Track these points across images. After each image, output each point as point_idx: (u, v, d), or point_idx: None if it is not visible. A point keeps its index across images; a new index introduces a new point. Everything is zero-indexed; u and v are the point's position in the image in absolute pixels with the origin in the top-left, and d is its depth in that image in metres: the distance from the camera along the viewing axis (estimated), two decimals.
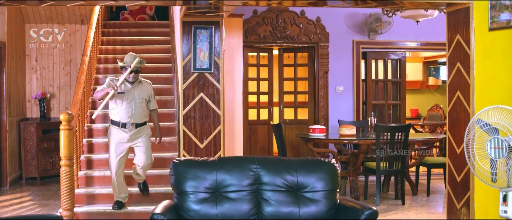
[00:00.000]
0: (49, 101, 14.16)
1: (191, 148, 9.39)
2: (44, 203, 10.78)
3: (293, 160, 6.56)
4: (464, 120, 7.57)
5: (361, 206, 6.00)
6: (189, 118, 9.34)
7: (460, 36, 7.68)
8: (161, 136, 9.40)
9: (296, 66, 14.45)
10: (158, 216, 5.60)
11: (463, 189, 7.72)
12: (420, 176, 12.15)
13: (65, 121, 8.60)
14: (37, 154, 13.28)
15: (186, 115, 9.31)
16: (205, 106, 9.31)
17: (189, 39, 9.36)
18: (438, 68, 19.88)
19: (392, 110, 14.80)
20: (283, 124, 13.85)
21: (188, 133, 9.33)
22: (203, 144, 9.42)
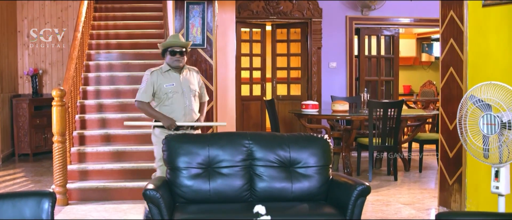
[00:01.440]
0: (41, 78, 14.11)
1: None
2: (37, 179, 10.77)
3: (286, 136, 6.57)
4: (457, 96, 7.58)
5: (353, 181, 6.01)
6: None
7: (454, 12, 7.68)
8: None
9: (289, 42, 14.43)
10: (150, 192, 5.60)
11: (456, 165, 7.75)
12: (412, 152, 12.17)
13: (58, 97, 8.58)
14: (29, 130, 13.25)
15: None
16: None
17: (181, 15, 9.34)
18: (431, 45, 19.87)
19: (385, 86, 14.79)
20: (276, 100, 13.83)
21: None
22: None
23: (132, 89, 11.01)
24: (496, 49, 7.09)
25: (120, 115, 10.42)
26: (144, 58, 11.88)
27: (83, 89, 10.98)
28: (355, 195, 5.78)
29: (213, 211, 5.90)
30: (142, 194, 5.64)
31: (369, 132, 10.53)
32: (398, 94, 15.00)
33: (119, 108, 10.64)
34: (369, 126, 10.48)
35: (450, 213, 5.81)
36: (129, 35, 12.78)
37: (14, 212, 5.11)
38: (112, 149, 9.77)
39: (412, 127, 12.45)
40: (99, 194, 9.10)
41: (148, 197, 5.60)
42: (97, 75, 11.45)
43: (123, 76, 11.40)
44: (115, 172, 9.42)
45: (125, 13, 13.69)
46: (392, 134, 10.55)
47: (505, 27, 6.95)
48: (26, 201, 5.16)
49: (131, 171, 9.43)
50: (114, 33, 12.88)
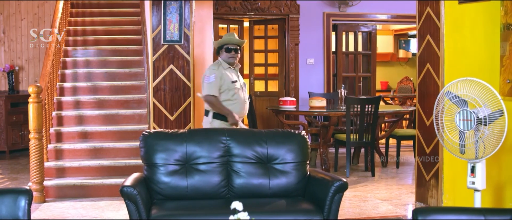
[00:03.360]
0: (18, 74, 14.03)
1: (161, 120, 9.36)
2: (13, 177, 10.72)
3: (264, 132, 6.58)
4: (434, 92, 7.62)
5: (331, 177, 6.02)
6: (159, 90, 9.30)
7: (430, 9, 7.72)
8: None
9: (267, 38, 14.44)
10: (128, 189, 5.59)
11: (432, 161, 7.79)
12: (390, 148, 12.23)
13: (34, 94, 8.54)
14: (5, 127, 13.17)
15: (156, 87, 9.26)
16: (175, 78, 9.27)
17: (159, 11, 9.30)
18: (408, 41, 19.97)
19: (362, 82, 14.84)
20: (254, 96, 13.83)
21: (158, 105, 9.30)
22: (173, 116, 9.39)
23: (109, 86, 10.99)
24: (472, 46, 7.13)
25: (98, 111, 10.40)
26: (122, 54, 11.84)
27: (60, 86, 10.94)
28: (332, 191, 5.79)
29: (191, 207, 5.90)
30: (119, 191, 5.62)
31: (346, 128, 10.55)
32: (375, 90, 15.05)
33: (97, 105, 10.61)
34: (346, 122, 10.51)
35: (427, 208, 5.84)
36: (106, 31, 12.74)
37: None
38: (89, 146, 9.74)
39: (390, 123, 12.51)
40: (77, 191, 9.07)
41: (126, 194, 5.58)
42: (74, 72, 11.41)
43: (101, 72, 11.37)
44: (93, 169, 9.40)
45: (102, 9, 13.62)
46: (370, 130, 10.59)
47: (481, 24, 6.99)
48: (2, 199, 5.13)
49: (109, 168, 9.40)
50: (91, 29, 12.83)
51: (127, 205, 5.64)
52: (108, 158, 9.60)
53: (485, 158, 5.81)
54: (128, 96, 10.81)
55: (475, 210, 5.17)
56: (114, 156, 9.67)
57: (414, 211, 4.86)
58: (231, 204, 3.98)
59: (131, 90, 11.02)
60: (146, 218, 5.62)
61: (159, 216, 5.64)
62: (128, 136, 10.00)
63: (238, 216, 3.88)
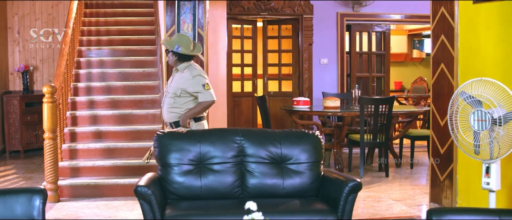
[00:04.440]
0: (32, 74, 14.08)
1: None
2: (28, 176, 10.76)
3: (277, 132, 6.57)
4: (448, 92, 7.59)
5: (345, 178, 6.01)
6: None
7: (445, 9, 7.69)
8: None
9: (280, 39, 14.43)
10: (142, 189, 5.59)
11: (447, 161, 7.76)
12: (404, 148, 12.20)
13: (48, 94, 8.57)
14: (20, 127, 13.22)
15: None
16: None
17: (172, 11, 9.32)
18: (422, 41, 19.90)
19: (376, 82, 14.81)
20: (267, 96, 13.84)
21: None
22: None
23: (123, 85, 11.01)
24: (487, 46, 7.10)
25: (111, 111, 10.42)
26: (135, 54, 11.86)
27: (74, 86, 10.97)
28: (346, 191, 5.78)
29: (205, 207, 5.90)
30: (133, 191, 5.63)
31: (360, 128, 10.53)
32: (389, 90, 15.02)
33: (111, 105, 10.63)
34: (360, 122, 10.49)
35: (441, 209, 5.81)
36: (120, 31, 12.76)
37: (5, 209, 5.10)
38: (103, 146, 9.76)
39: (403, 123, 12.47)
40: (91, 191, 9.09)
41: (140, 193, 5.59)
42: (88, 72, 11.44)
43: (114, 72, 11.39)
44: (107, 169, 9.42)
45: (116, 9, 13.65)
46: (383, 130, 10.57)
47: (496, 24, 6.96)
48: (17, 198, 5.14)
49: (123, 168, 9.42)
50: (105, 29, 12.86)
51: (141, 205, 5.65)
52: (122, 157, 9.62)
53: (500, 158, 5.78)
54: (142, 96, 10.82)
55: (489, 211, 5.15)
56: (128, 155, 9.68)
57: (429, 211, 4.84)
58: (245, 204, 3.98)
59: (145, 90, 11.03)
60: (160, 218, 5.63)
61: (173, 216, 5.64)
62: (142, 136, 10.01)
63: (252, 216, 3.87)
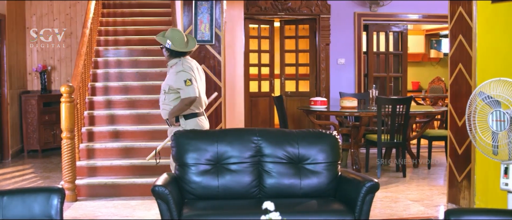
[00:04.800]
0: (50, 74, 14.14)
1: None
2: (45, 175, 10.80)
3: (295, 132, 6.56)
4: (466, 92, 7.57)
5: (362, 178, 6.00)
6: None
7: (463, 8, 7.66)
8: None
9: (298, 38, 14.42)
10: (159, 188, 5.61)
11: (464, 162, 7.74)
12: (421, 149, 12.16)
13: (66, 93, 8.60)
14: (38, 126, 13.29)
15: None
16: (206, 78, 9.29)
17: (190, 11, 9.33)
18: (440, 41, 19.83)
19: (393, 82, 14.78)
20: (285, 96, 13.84)
21: None
22: None
23: (140, 85, 11.03)
24: (505, 46, 7.07)
25: (129, 111, 10.44)
26: (153, 54, 11.87)
27: (91, 85, 11.00)
28: (363, 192, 5.77)
29: (222, 207, 5.90)
30: (150, 190, 5.64)
31: (377, 128, 10.51)
32: (406, 90, 14.98)
33: (128, 105, 10.65)
34: (377, 122, 10.47)
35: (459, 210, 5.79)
36: (137, 31, 12.79)
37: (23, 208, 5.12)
38: (120, 145, 9.78)
39: (421, 124, 12.43)
40: (108, 190, 9.12)
41: (157, 193, 5.60)
42: (105, 72, 11.47)
43: (132, 72, 11.42)
44: (124, 168, 9.44)
45: (133, 9, 13.69)
46: (401, 131, 10.54)
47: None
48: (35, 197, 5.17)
49: (140, 167, 9.43)
50: (122, 29, 12.89)
51: (159, 205, 5.66)
52: (139, 157, 9.63)
53: None
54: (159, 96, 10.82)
55: (508, 211, 5.12)
56: (145, 155, 9.65)
57: (446, 212, 4.82)
58: (262, 204, 3.98)
59: None
60: (178, 218, 5.63)
61: (191, 215, 5.65)
62: (159, 135, 10.01)
63: (270, 216, 3.87)
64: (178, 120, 7.26)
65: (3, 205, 5.12)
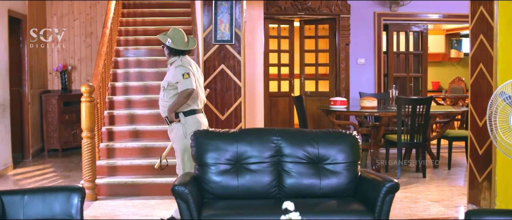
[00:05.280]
0: (70, 74, 14.21)
1: (212, 119, 9.39)
2: (66, 174, 10.85)
3: (314, 132, 6.56)
4: (487, 92, 7.53)
5: (382, 178, 5.98)
6: (210, 89, 9.33)
7: (483, 8, 7.62)
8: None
9: (317, 38, 14.40)
10: (179, 188, 5.62)
11: (485, 162, 7.70)
12: (441, 149, 12.10)
13: (86, 93, 8.64)
14: (58, 126, 13.36)
15: (207, 86, 9.29)
16: (226, 78, 9.31)
17: (210, 11, 9.35)
18: (460, 41, 19.73)
19: (413, 82, 14.72)
20: (304, 96, 13.82)
21: (209, 105, 9.33)
22: (224, 115, 9.43)
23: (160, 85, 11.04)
24: None
25: (149, 111, 10.46)
26: None
27: (111, 85, 11.04)
28: (383, 192, 5.76)
29: (242, 207, 5.91)
30: (170, 190, 5.66)
31: (397, 129, 10.47)
32: (426, 90, 14.92)
33: (148, 104, 10.68)
34: (397, 123, 10.43)
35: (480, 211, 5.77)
36: (157, 31, 12.75)
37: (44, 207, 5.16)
38: (140, 145, 9.81)
39: (441, 124, 12.37)
40: (128, 190, 9.15)
41: (177, 192, 5.61)
42: (125, 71, 11.51)
43: (152, 72, 11.44)
44: (144, 168, 9.46)
45: (153, 9, 13.72)
46: (421, 131, 10.50)
47: None
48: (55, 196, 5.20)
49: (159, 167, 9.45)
50: (142, 29, 12.93)
51: (178, 204, 5.68)
52: (159, 157, 9.64)
53: None
54: None
55: None
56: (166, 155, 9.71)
57: (467, 213, 4.81)
58: (281, 204, 3.98)
59: None
60: (197, 217, 5.64)
61: (210, 215, 5.66)
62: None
63: (290, 216, 3.87)
64: (178, 116, 7.35)
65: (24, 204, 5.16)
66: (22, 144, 12.50)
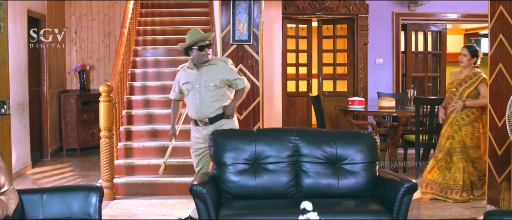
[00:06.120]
0: (89, 73, 14.26)
1: None
2: (84, 174, 10.89)
3: (332, 132, 6.54)
4: (506, 92, 7.48)
5: (400, 178, 5.97)
6: None
7: (503, 7, 7.58)
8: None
9: (335, 38, 14.38)
10: (197, 187, 5.62)
11: (504, 163, 7.65)
12: None
13: (105, 93, 8.66)
14: (77, 125, 13.40)
15: None
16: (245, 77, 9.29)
17: (228, 11, 9.34)
18: (479, 40, 19.62)
19: (431, 83, 14.67)
20: (322, 96, 13.80)
21: None
22: (242, 115, 9.42)
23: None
24: None
25: (167, 110, 10.48)
26: None
27: (130, 85, 11.07)
28: (402, 192, 5.74)
29: (259, 207, 5.90)
30: (188, 189, 5.66)
31: (415, 129, 10.44)
32: (445, 91, 14.85)
33: (166, 104, 10.69)
34: (415, 123, 10.40)
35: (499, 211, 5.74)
36: (175, 31, 12.84)
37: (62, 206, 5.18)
38: (158, 144, 9.82)
39: None
40: (146, 189, 9.17)
41: (195, 192, 5.62)
42: (143, 71, 11.54)
43: (170, 72, 11.46)
44: None
45: (171, 9, 13.74)
46: (439, 131, 10.45)
47: None
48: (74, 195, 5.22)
49: (178, 167, 9.47)
50: (160, 29, 12.96)
51: (196, 204, 5.68)
52: (177, 156, 9.65)
53: None
54: None
55: None
56: (183, 154, 9.71)
57: (486, 213, 4.78)
58: (299, 204, 3.98)
59: None
60: (215, 217, 5.64)
61: (228, 215, 5.66)
62: None
63: (308, 216, 3.86)
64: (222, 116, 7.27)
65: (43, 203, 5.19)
66: (41, 143, 12.55)
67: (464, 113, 8.73)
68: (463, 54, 8.96)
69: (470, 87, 8.82)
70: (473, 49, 8.97)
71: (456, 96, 8.87)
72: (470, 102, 8.69)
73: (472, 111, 8.71)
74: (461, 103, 8.71)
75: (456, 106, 8.76)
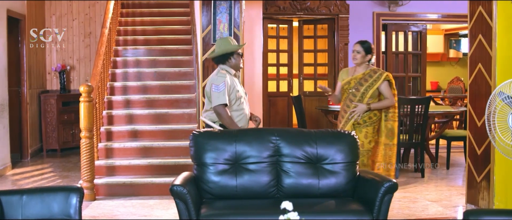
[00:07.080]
0: (69, 74, 14.21)
1: None
2: (64, 174, 10.85)
3: (313, 132, 6.55)
4: (485, 92, 7.52)
5: (380, 178, 5.98)
6: None
7: (482, 8, 7.62)
8: None
9: (316, 38, 14.41)
10: (178, 188, 5.61)
11: (484, 162, 7.70)
12: (440, 149, 12.10)
13: (85, 93, 8.63)
14: (57, 126, 13.35)
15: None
16: None
17: (208, 11, 9.34)
18: (459, 41, 19.75)
19: (412, 83, 14.74)
20: (303, 96, 13.83)
21: None
22: None
23: (159, 85, 11.07)
24: None
25: (147, 110, 10.47)
26: (172, 54, 11.91)
27: (110, 85, 11.05)
28: (382, 192, 5.75)
29: (240, 207, 5.90)
30: (169, 190, 5.65)
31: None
32: (425, 90, 14.94)
33: (147, 104, 10.69)
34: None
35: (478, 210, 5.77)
36: (156, 31, 12.83)
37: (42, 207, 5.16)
38: (139, 145, 9.81)
39: (440, 124, 12.37)
40: (126, 190, 9.14)
41: (175, 192, 5.61)
42: (124, 71, 11.52)
43: (150, 72, 11.46)
44: (142, 168, 9.46)
45: (152, 9, 13.73)
46: (419, 131, 10.50)
47: None
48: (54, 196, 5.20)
49: (158, 167, 9.46)
50: (141, 29, 12.94)
51: (177, 204, 5.67)
52: (158, 157, 9.66)
53: None
54: (178, 96, 10.86)
55: None
56: (164, 155, 9.72)
57: (465, 213, 4.81)
58: (280, 204, 3.98)
59: (181, 89, 11.07)
60: (196, 217, 5.64)
61: (209, 215, 5.65)
62: (177, 135, 10.04)
63: (288, 216, 3.87)
64: None
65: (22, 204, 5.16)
66: (21, 144, 12.49)
67: (366, 115, 8.00)
68: (357, 50, 8.13)
69: (372, 87, 8.00)
70: (367, 46, 8.11)
71: (356, 97, 8.03)
72: (376, 105, 8.00)
73: (374, 112, 8.06)
74: (365, 107, 7.93)
75: (358, 111, 7.94)
